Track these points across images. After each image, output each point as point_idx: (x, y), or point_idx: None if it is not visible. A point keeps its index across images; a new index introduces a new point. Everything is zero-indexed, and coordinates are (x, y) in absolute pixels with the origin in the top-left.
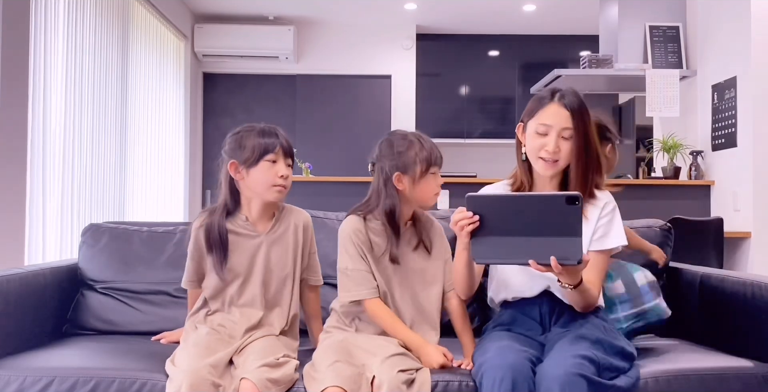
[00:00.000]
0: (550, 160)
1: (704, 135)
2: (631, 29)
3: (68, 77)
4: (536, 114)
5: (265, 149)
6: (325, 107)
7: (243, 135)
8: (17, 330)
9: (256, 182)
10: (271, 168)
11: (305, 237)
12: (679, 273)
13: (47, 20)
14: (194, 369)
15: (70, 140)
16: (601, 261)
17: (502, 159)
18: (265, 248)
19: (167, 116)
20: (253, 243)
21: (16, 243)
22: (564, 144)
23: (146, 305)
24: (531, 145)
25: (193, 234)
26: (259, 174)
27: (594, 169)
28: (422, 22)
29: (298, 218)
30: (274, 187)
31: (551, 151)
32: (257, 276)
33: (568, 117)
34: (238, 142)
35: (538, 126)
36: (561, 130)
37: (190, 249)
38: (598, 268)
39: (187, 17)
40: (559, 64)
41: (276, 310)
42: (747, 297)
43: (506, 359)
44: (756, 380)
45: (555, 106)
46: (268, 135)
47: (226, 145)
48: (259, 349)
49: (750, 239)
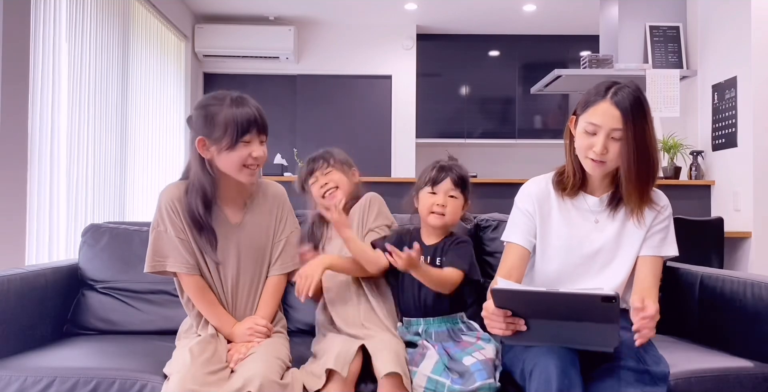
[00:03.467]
0: (598, 161)
1: (704, 135)
2: (631, 29)
3: (69, 77)
4: (587, 110)
5: (240, 131)
6: (325, 107)
7: (212, 109)
8: (18, 330)
9: (226, 163)
10: (244, 148)
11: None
12: (679, 273)
13: (48, 20)
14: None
15: (70, 140)
16: (657, 266)
17: (502, 159)
18: (236, 238)
19: (168, 116)
20: (222, 232)
21: (16, 243)
22: (613, 145)
23: (147, 305)
24: (580, 144)
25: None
26: (231, 154)
27: (649, 174)
28: (422, 22)
29: (274, 202)
30: (246, 168)
31: (598, 152)
32: (231, 269)
33: (618, 117)
34: (207, 117)
35: (587, 125)
36: (610, 130)
37: (167, 227)
38: (654, 274)
39: (188, 17)
40: (560, 64)
41: (250, 302)
42: (747, 297)
43: (554, 354)
44: (756, 380)
45: (606, 105)
46: (240, 108)
47: (193, 117)
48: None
49: (750, 239)
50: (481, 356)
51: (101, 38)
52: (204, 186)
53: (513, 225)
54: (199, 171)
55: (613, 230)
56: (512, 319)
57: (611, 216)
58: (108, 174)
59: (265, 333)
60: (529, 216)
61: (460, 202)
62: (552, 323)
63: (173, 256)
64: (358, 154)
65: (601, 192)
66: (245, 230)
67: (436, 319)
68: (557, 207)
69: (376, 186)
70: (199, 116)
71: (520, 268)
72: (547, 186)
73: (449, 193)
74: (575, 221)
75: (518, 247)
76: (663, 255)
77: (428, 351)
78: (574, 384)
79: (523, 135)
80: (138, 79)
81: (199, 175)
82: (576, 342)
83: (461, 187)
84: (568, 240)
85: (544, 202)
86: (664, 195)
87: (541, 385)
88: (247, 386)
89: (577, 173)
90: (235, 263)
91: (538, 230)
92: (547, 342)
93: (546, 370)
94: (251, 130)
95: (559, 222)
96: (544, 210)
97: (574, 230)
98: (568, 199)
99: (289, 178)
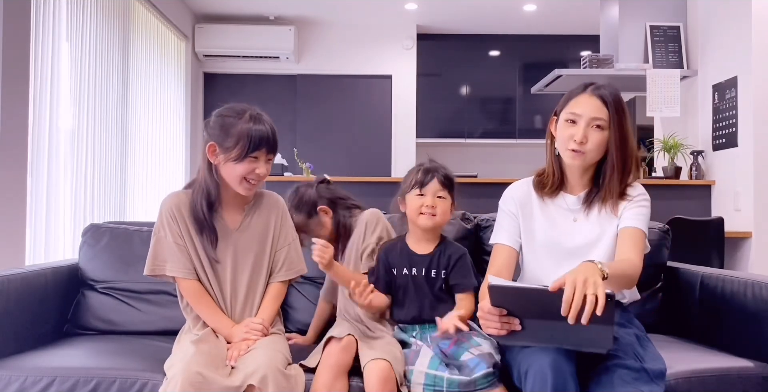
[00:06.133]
0: (576, 151)
1: (705, 135)
2: (631, 29)
3: (69, 77)
4: (568, 104)
5: (250, 147)
6: (325, 107)
7: (230, 120)
8: (18, 330)
9: (229, 172)
10: (250, 163)
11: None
12: (679, 273)
13: (48, 20)
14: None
15: (71, 140)
16: (633, 234)
17: (502, 159)
18: (233, 243)
19: (168, 116)
20: (221, 235)
21: (16, 243)
22: (593, 134)
23: (147, 305)
24: (560, 136)
25: (168, 214)
26: (237, 166)
27: (629, 168)
28: (423, 22)
29: (272, 210)
30: (246, 182)
31: (578, 140)
32: (227, 272)
33: (600, 107)
34: (223, 126)
35: (568, 115)
36: (591, 119)
37: (166, 233)
38: (631, 241)
39: (188, 17)
40: (560, 64)
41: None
42: (747, 297)
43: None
44: (756, 380)
45: (587, 96)
46: (256, 124)
47: (210, 123)
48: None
49: (751, 239)
50: (477, 351)
51: (101, 38)
52: (209, 188)
53: (499, 227)
54: (206, 173)
55: (591, 225)
56: (507, 319)
57: (588, 212)
58: (108, 174)
59: (261, 331)
60: (513, 217)
61: (449, 203)
62: (547, 323)
63: (171, 261)
64: (358, 154)
65: (579, 189)
66: (243, 234)
67: (432, 325)
68: (538, 208)
69: (377, 186)
70: (216, 123)
71: (509, 267)
72: (528, 188)
73: (437, 193)
74: (556, 220)
75: (505, 247)
76: (630, 226)
77: (422, 348)
78: (569, 383)
79: (524, 135)
80: (138, 78)
81: (206, 178)
82: (571, 342)
83: (448, 187)
84: (551, 239)
85: (526, 203)
86: (641, 186)
87: (537, 385)
88: (254, 375)
89: (556, 172)
90: (233, 266)
91: (522, 230)
92: (542, 342)
93: (541, 370)
94: (261, 148)
95: (541, 221)
96: (527, 211)
97: (555, 228)
98: (548, 199)
99: (289, 178)
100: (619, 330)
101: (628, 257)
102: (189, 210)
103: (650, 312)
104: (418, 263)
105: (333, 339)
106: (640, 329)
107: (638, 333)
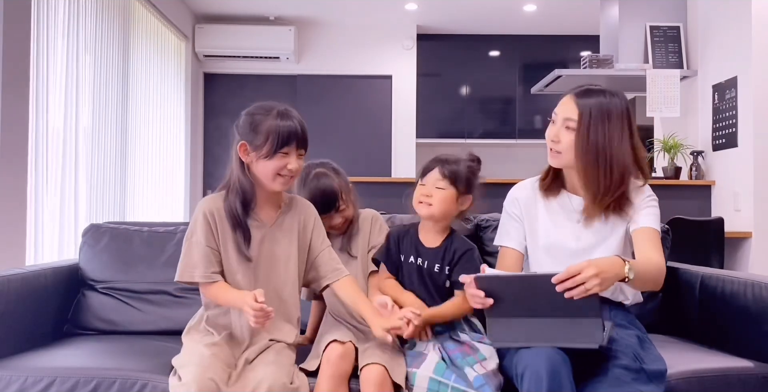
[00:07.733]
0: (553, 150)
1: (705, 135)
2: (631, 29)
3: (69, 77)
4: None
5: (279, 143)
6: (325, 107)
7: (258, 118)
8: (18, 330)
9: (262, 170)
10: (281, 159)
11: (311, 233)
12: (679, 273)
13: (48, 20)
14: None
15: (71, 140)
16: (650, 234)
17: (502, 159)
18: (269, 240)
19: (168, 116)
20: (256, 233)
21: (17, 243)
22: (565, 135)
23: (147, 305)
24: (546, 135)
25: (203, 216)
26: (268, 162)
27: (604, 180)
28: (423, 22)
29: (305, 213)
30: (280, 177)
31: (549, 138)
32: (261, 270)
33: (573, 108)
34: (252, 124)
35: (552, 114)
36: (564, 119)
37: (198, 237)
38: (651, 242)
39: (188, 17)
40: (560, 64)
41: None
42: (747, 297)
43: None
44: (756, 380)
45: (567, 97)
46: (284, 120)
47: (240, 122)
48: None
49: (751, 239)
50: (482, 369)
51: (101, 38)
52: (244, 187)
53: (503, 229)
54: (240, 173)
55: (595, 226)
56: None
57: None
58: (108, 174)
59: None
60: (517, 219)
61: (448, 194)
62: (536, 321)
63: (201, 266)
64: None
65: (582, 191)
66: (278, 230)
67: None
68: (543, 209)
69: (377, 186)
70: (245, 122)
71: (515, 270)
72: (533, 189)
73: (436, 183)
74: (560, 221)
75: (511, 250)
76: (646, 225)
77: (428, 352)
78: (564, 384)
79: (524, 135)
80: (138, 79)
81: (240, 177)
82: (561, 339)
83: (451, 179)
84: (555, 240)
85: (531, 205)
86: (648, 188)
87: (532, 386)
88: (258, 389)
89: (552, 173)
90: (267, 262)
91: (526, 232)
92: (533, 341)
93: (537, 372)
94: (291, 143)
95: (545, 223)
96: (531, 213)
97: (559, 230)
98: (553, 200)
99: None
100: (620, 332)
101: (651, 257)
102: (224, 210)
103: (650, 313)
104: (424, 255)
105: (333, 343)
106: (642, 330)
107: (639, 334)
